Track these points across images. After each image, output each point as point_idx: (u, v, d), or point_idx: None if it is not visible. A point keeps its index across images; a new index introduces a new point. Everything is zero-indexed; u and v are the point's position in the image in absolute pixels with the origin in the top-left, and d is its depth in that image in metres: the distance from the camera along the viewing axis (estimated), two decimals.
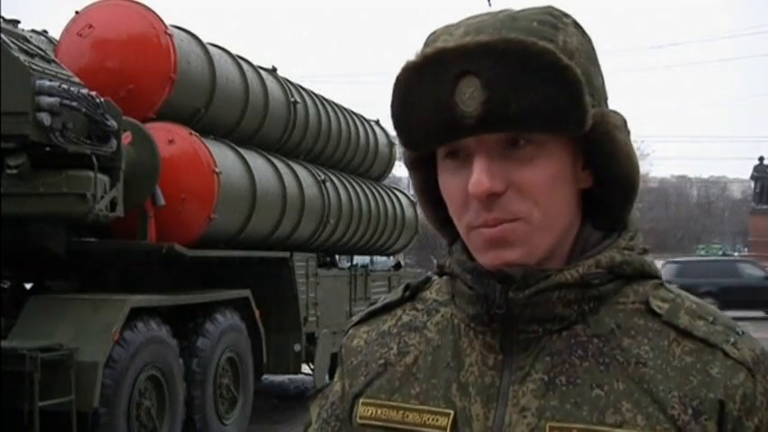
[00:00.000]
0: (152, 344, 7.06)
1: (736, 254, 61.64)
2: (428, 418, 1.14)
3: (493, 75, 1.03)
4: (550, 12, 1.10)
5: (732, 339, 1.08)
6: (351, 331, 1.30)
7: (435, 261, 30.92)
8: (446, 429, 1.12)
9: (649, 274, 1.15)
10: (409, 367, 1.19)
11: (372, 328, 1.27)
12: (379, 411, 1.18)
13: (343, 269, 11.93)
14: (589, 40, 1.13)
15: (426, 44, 1.12)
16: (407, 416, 1.15)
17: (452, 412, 1.13)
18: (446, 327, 1.20)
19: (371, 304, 1.33)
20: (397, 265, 14.52)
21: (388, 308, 1.28)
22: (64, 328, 6.53)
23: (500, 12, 1.10)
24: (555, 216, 1.10)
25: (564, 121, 1.05)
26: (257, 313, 8.90)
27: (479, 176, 1.06)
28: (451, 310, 1.20)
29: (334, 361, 10.38)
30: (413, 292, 1.27)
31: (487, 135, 1.06)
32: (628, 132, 1.14)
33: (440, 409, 1.14)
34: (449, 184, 1.12)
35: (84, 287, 7.69)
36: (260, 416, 9.65)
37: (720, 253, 63.97)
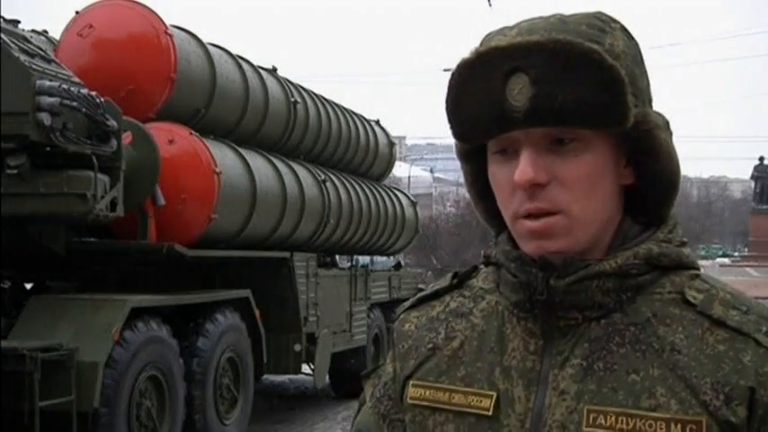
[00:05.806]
0: (152, 344, 7.06)
1: (736, 254, 61.61)
2: (473, 400, 1.21)
3: (541, 72, 1.10)
4: (599, 16, 1.18)
5: (764, 329, 1.13)
6: (402, 316, 1.37)
7: (435, 261, 30.92)
8: (489, 410, 1.19)
9: (687, 266, 1.21)
10: (456, 351, 1.26)
11: (422, 314, 1.34)
12: (427, 392, 1.26)
13: (344, 269, 11.90)
14: (636, 45, 1.20)
15: (481, 43, 1.19)
16: (453, 397, 1.23)
17: (495, 394, 1.20)
18: (491, 313, 1.27)
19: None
20: (398, 265, 14.50)
21: (437, 294, 1.35)
22: (64, 328, 6.52)
23: (551, 16, 1.18)
24: (595, 209, 1.16)
25: (606, 117, 1.12)
26: (257, 313, 8.89)
27: (524, 167, 1.13)
28: (496, 298, 1.27)
29: (335, 361, 10.38)
30: (461, 280, 1.34)
31: (534, 129, 1.13)
32: (670, 133, 1.20)
33: (484, 391, 1.21)
34: (497, 174, 1.19)
35: (84, 287, 7.68)
36: (260, 416, 9.65)
37: (720, 253, 63.91)
